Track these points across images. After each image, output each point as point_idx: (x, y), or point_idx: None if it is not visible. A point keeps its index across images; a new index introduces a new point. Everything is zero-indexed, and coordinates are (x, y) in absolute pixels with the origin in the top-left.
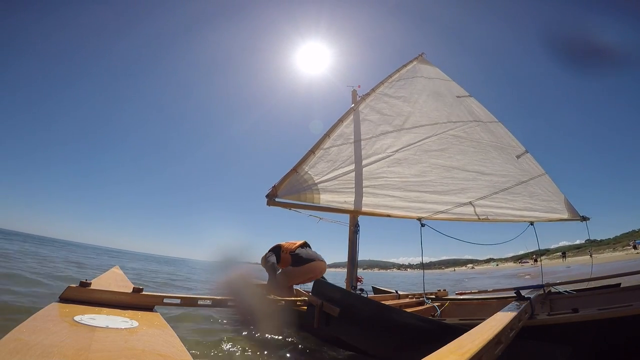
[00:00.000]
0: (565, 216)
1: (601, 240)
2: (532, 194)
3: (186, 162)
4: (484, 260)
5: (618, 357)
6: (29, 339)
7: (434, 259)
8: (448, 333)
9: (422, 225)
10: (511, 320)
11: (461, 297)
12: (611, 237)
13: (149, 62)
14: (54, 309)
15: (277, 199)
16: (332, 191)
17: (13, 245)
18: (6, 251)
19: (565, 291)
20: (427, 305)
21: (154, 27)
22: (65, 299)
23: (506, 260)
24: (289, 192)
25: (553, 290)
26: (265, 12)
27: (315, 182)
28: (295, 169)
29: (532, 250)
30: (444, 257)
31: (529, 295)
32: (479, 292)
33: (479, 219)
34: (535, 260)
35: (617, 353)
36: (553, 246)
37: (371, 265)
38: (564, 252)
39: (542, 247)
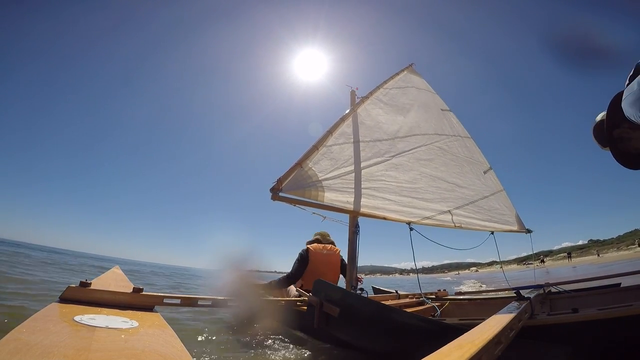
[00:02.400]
0: (515, 228)
1: (604, 240)
2: (492, 208)
3: (183, 167)
4: (486, 263)
5: (618, 357)
6: (29, 339)
7: (436, 263)
8: (448, 333)
9: (411, 229)
10: (511, 320)
11: (461, 297)
12: (614, 237)
13: (148, 68)
14: (54, 309)
15: (281, 194)
16: (335, 190)
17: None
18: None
19: (565, 291)
20: (427, 305)
21: (152, 32)
22: (65, 299)
23: (509, 262)
24: (294, 187)
25: (553, 290)
26: (263, 20)
27: (320, 179)
28: (299, 164)
29: (535, 252)
30: (446, 261)
31: (529, 295)
32: (479, 292)
33: (455, 226)
34: (542, 261)
35: (617, 353)
36: (556, 247)
37: (373, 270)
38: (569, 252)
39: (545, 249)
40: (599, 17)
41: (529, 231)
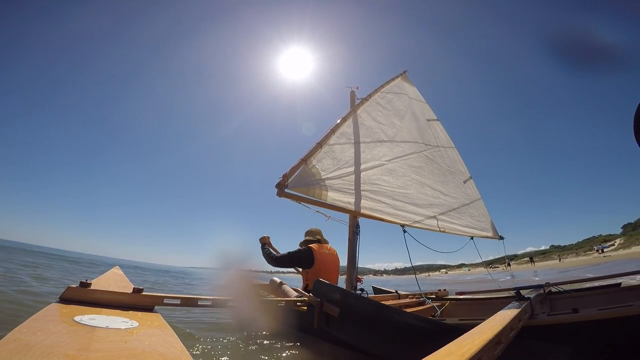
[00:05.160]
0: (490, 234)
1: (564, 246)
2: (471, 215)
3: (180, 165)
4: (456, 266)
5: (618, 357)
6: (29, 339)
7: (408, 265)
8: (448, 333)
9: (404, 231)
10: (511, 320)
11: (461, 297)
12: (573, 243)
13: (138, 67)
14: (54, 310)
15: (286, 190)
16: (338, 190)
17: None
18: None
19: (565, 291)
20: (427, 305)
21: (140, 33)
22: (65, 299)
23: (477, 265)
24: (298, 184)
25: (553, 290)
26: (247, 19)
27: (323, 177)
28: (304, 160)
29: (501, 256)
30: (418, 263)
31: (529, 295)
32: (479, 292)
33: (440, 230)
34: (509, 265)
35: (617, 353)
36: (520, 252)
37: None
38: (532, 257)
39: (510, 253)
40: (597, 18)
41: (501, 238)
